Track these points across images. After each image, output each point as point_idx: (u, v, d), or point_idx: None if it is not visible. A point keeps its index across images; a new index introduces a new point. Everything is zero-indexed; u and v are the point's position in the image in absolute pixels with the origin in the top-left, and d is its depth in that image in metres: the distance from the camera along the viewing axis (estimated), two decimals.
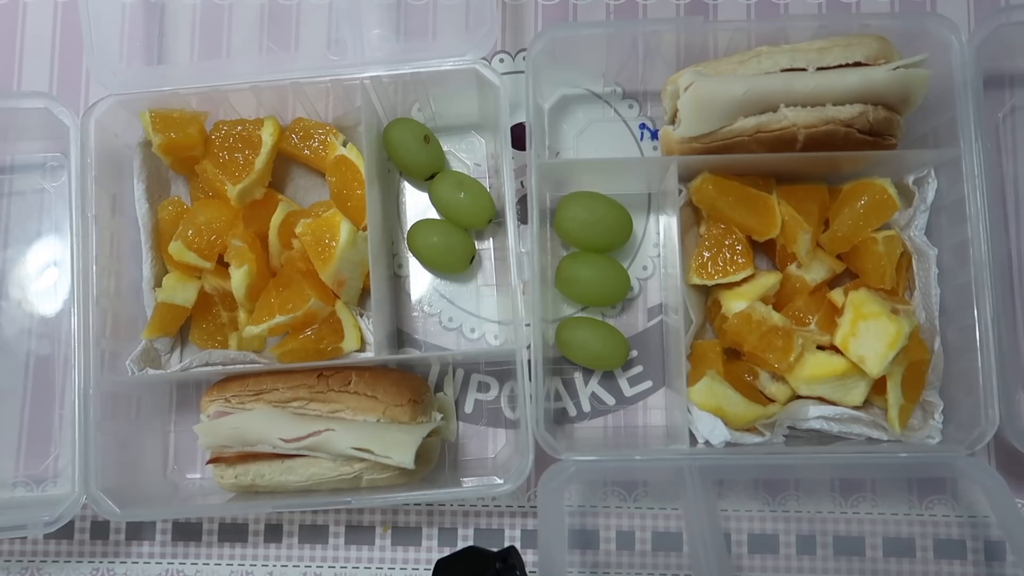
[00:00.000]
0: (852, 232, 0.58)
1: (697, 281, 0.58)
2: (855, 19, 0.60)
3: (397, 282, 0.64)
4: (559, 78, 0.64)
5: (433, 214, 0.64)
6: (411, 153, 0.62)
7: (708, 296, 0.61)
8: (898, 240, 0.58)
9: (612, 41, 0.60)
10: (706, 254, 0.58)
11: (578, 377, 0.62)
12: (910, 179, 0.58)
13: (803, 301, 0.58)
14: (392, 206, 0.65)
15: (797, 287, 0.59)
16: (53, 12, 0.69)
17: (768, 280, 0.58)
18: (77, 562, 0.63)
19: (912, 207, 0.59)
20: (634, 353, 0.62)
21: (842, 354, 0.55)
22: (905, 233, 0.59)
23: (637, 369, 0.62)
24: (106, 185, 0.60)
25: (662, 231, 0.63)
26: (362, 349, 0.60)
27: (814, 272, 0.58)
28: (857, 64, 0.54)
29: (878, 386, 0.56)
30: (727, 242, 0.58)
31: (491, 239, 0.64)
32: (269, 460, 0.57)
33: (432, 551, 0.61)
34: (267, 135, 0.61)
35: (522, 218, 0.60)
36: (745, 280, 0.58)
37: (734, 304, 0.58)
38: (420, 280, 0.64)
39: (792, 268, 0.59)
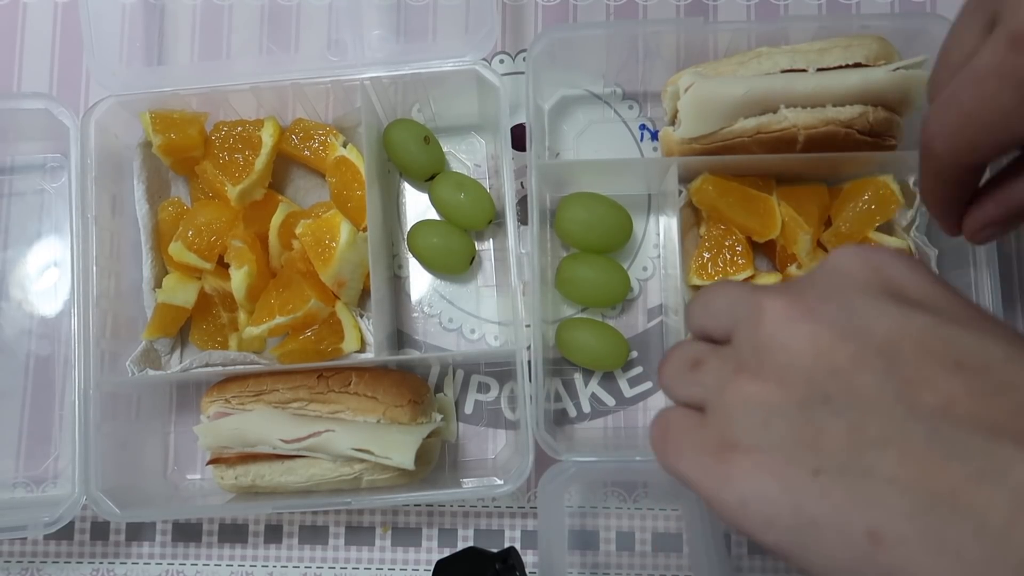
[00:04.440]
0: (855, 229, 0.58)
1: (697, 282, 0.58)
2: (855, 20, 0.60)
3: (397, 283, 0.64)
4: (559, 79, 0.64)
5: (433, 215, 0.64)
6: (411, 154, 0.62)
7: None
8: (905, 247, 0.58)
9: (612, 42, 0.60)
10: (706, 255, 0.58)
11: (578, 378, 0.62)
12: (911, 180, 0.58)
13: None
14: (392, 207, 0.65)
15: None
16: (53, 12, 0.69)
17: (768, 281, 0.58)
18: (77, 563, 0.63)
19: (913, 208, 0.59)
20: (634, 354, 0.62)
21: None
22: (906, 233, 0.59)
23: (637, 370, 0.62)
24: (106, 186, 0.60)
25: (662, 232, 0.63)
26: (362, 350, 0.60)
27: None
28: (857, 65, 0.54)
29: None
30: (727, 243, 0.58)
31: (491, 240, 0.64)
32: (269, 461, 0.57)
33: (432, 552, 0.61)
34: (267, 136, 0.61)
35: (522, 219, 0.60)
36: (745, 281, 0.58)
37: None
38: (420, 281, 0.64)
39: (792, 269, 0.59)
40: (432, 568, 0.51)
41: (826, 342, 0.27)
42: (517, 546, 0.59)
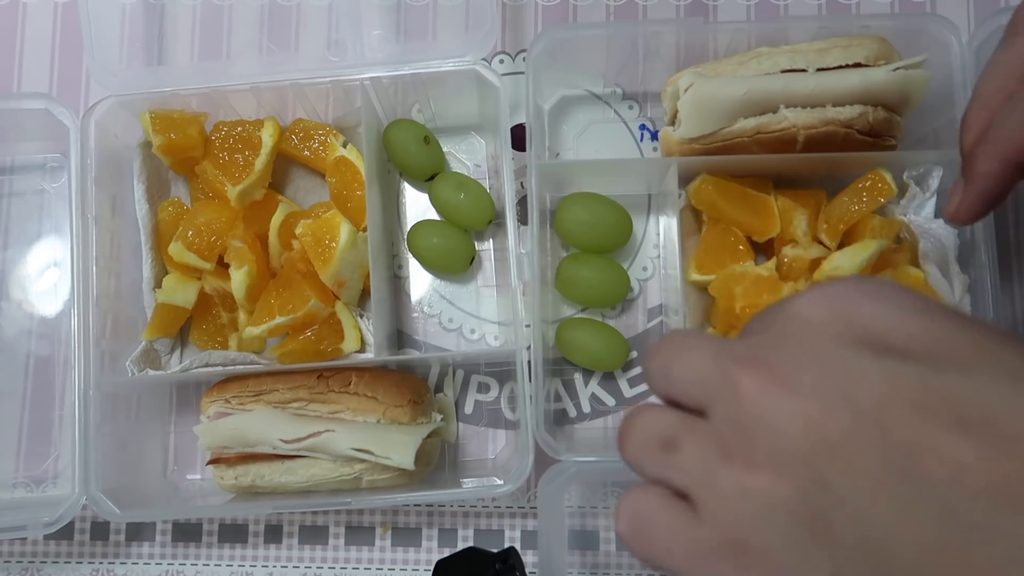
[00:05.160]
0: (848, 212, 0.57)
1: (697, 278, 0.58)
2: (855, 20, 0.60)
3: (397, 283, 0.64)
4: (559, 79, 0.64)
5: (433, 215, 0.64)
6: (411, 154, 0.62)
7: (708, 296, 0.61)
8: (895, 224, 0.57)
9: (612, 42, 0.60)
10: (707, 253, 0.58)
11: (578, 378, 0.62)
12: (905, 175, 0.57)
13: (802, 282, 0.57)
14: (392, 207, 0.65)
15: (795, 266, 0.57)
16: (53, 12, 0.69)
17: (764, 272, 0.57)
18: (77, 563, 0.63)
19: (906, 196, 0.57)
20: (634, 354, 0.62)
21: None
22: (907, 218, 0.57)
23: (637, 370, 0.62)
24: (106, 186, 0.60)
25: (662, 232, 0.63)
26: (362, 350, 0.60)
27: (812, 251, 0.57)
28: (857, 65, 0.54)
29: None
30: (727, 241, 0.58)
31: (491, 240, 0.64)
32: (269, 461, 0.57)
33: (432, 552, 0.61)
34: (267, 136, 0.61)
35: (522, 219, 0.60)
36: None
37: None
38: (420, 281, 0.64)
39: (787, 249, 0.58)
40: (432, 568, 0.51)
41: (815, 416, 0.24)
42: (517, 546, 0.59)
